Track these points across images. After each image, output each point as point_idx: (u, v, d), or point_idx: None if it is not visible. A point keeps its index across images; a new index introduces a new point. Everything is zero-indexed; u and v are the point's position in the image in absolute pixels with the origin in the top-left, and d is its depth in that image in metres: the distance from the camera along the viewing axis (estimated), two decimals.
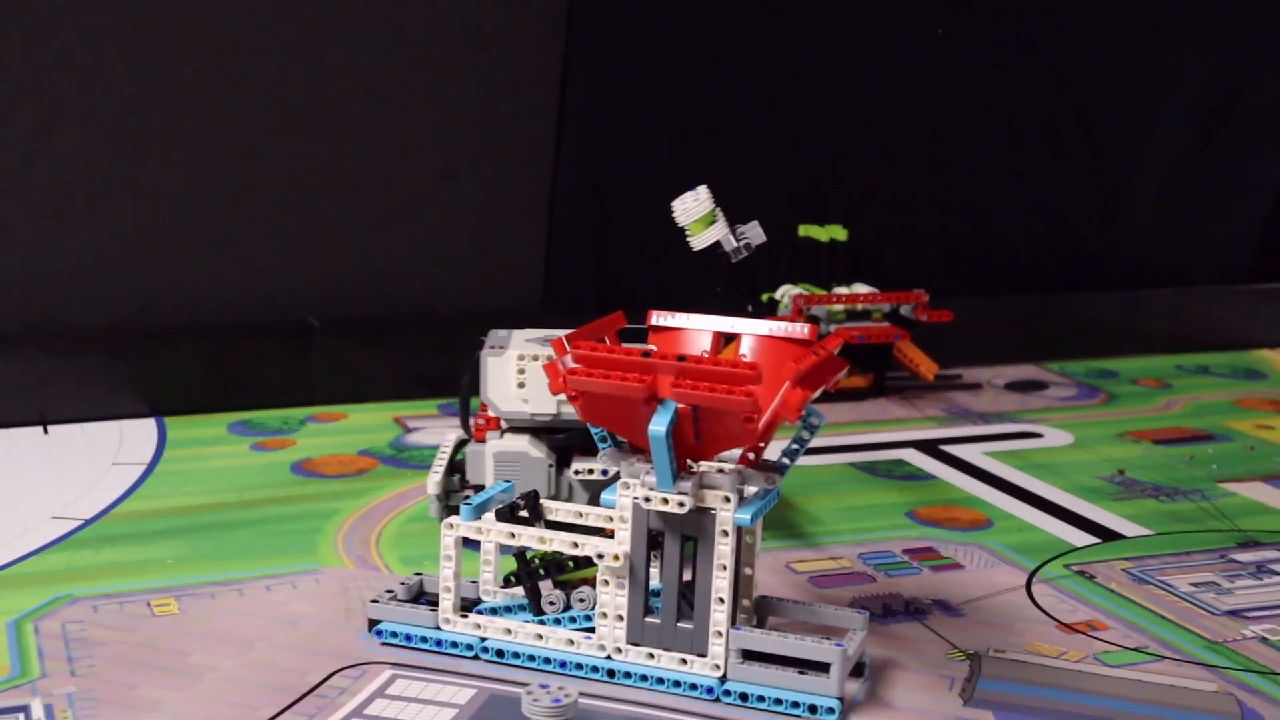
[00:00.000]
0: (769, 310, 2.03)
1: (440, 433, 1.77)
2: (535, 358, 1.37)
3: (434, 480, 1.41)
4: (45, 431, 1.77)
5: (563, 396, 1.27)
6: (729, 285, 1.38)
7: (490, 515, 1.21)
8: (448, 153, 1.99)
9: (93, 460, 1.67)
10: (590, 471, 1.38)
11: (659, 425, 1.08)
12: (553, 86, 2.03)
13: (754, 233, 1.26)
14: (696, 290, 2.05)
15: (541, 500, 1.24)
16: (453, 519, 1.20)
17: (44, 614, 1.25)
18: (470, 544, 1.22)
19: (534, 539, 1.17)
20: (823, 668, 1.11)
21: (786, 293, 2.04)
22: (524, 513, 1.22)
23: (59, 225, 1.83)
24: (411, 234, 2.01)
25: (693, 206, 1.26)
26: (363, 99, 1.94)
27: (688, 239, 1.26)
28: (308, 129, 1.92)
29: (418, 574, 1.25)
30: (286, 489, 1.60)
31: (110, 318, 1.86)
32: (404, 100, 1.96)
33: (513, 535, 1.18)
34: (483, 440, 1.42)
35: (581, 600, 1.18)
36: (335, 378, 1.92)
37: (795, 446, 1.19)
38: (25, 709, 1.09)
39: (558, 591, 1.20)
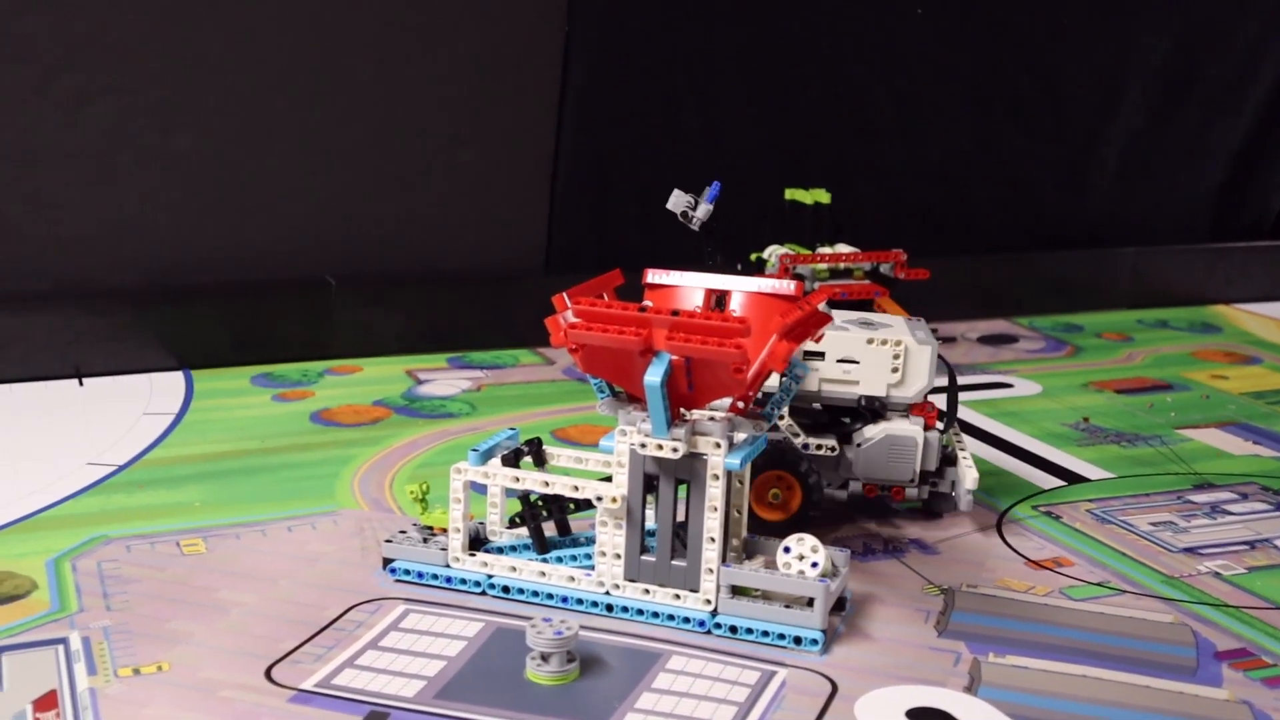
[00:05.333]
0: (757, 269, 2.02)
1: (451, 384, 1.77)
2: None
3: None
4: (80, 383, 1.76)
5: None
6: (716, 240, 1.37)
7: (496, 460, 1.20)
8: (456, 121, 1.98)
9: (124, 410, 1.66)
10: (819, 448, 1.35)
11: (654, 376, 1.07)
12: (555, 60, 2.01)
13: (700, 210, 1.33)
14: (689, 251, 2.04)
15: (544, 446, 1.23)
16: (460, 465, 1.19)
17: (80, 553, 1.25)
18: (478, 487, 1.21)
19: (537, 483, 1.17)
20: (808, 602, 1.11)
21: (773, 252, 2.02)
22: (528, 458, 1.22)
23: (93, 190, 1.81)
24: (422, 197, 2.00)
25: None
26: (375, 69, 1.92)
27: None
28: (323, 99, 1.90)
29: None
30: (306, 437, 1.59)
31: (140, 276, 1.85)
32: (415, 70, 1.94)
33: (517, 479, 1.18)
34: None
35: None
36: (351, 332, 1.91)
37: (782, 395, 1.18)
38: (64, 641, 1.09)
39: None
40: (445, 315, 1.97)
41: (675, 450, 1.10)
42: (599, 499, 1.14)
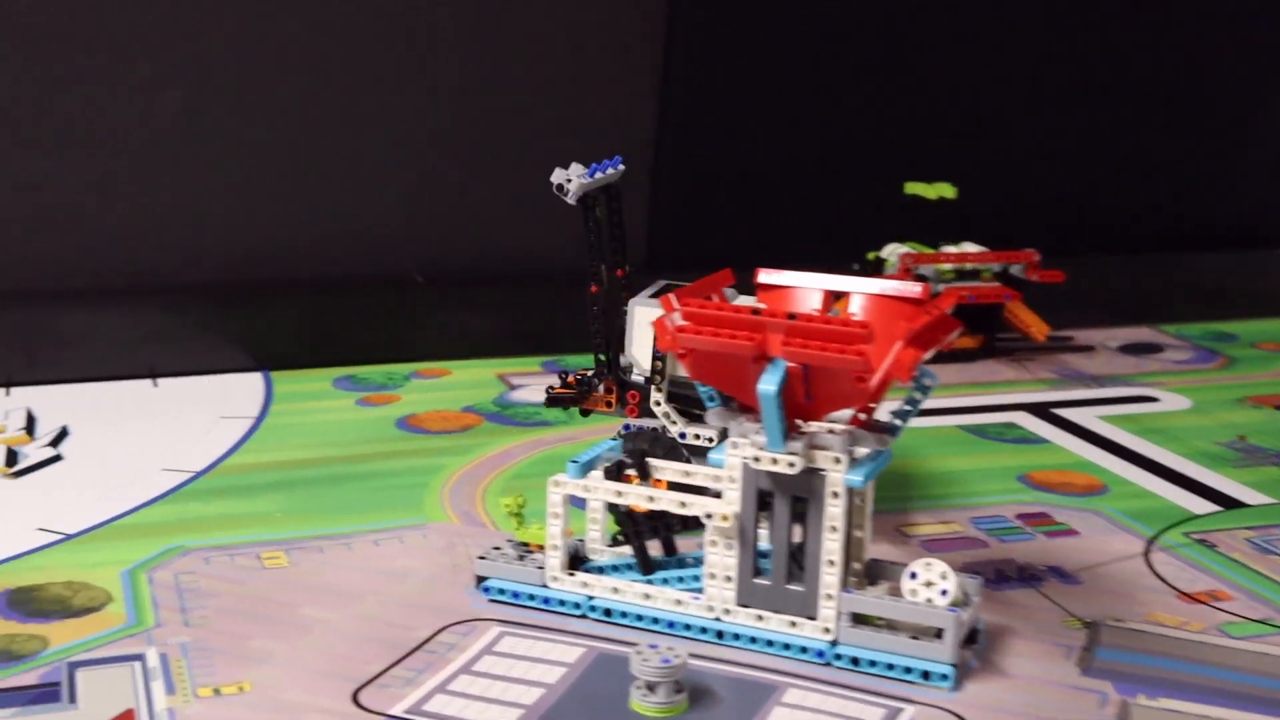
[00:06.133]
0: (875, 269, 2.01)
1: (544, 389, 1.78)
2: None
3: None
4: (154, 384, 1.80)
5: None
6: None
7: (597, 473, 1.20)
8: (552, 110, 1.99)
9: (201, 413, 1.69)
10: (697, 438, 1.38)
11: (769, 384, 1.07)
12: (657, 46, 2.02)
13: (574, 185, 1.39)
14: (802, 248, 2.03)
15: (648, 459, 1.23)
16: (559, 476, 1.19)
17: (157, 564, 1.27)
18: (578, 502, 1.22)
19: (642, 498, 1.17)
20: (936, 633, 1.10)
21: (893, 251, 2.02)
22: (631, 471, 1.22)
23: (167, 180, 1.85)
24: (515, 190, 2.01)
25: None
26: (466, 56, 1.94)
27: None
28: (411, 86, 1.92)
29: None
30: (392, 444, 1.61)
31: (217, 272, 1.89)
32: (507, 58, 1.96)
33: (620, 494, 1.18)
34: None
35: None
36: (439, 333, 1.93)
37: (907, 407, 1.17)
38: (141, 657, 1.11)
39: None
40: (538, 315, 1.99)
41: (791, 465, 1.10)
42: (708, 516, 1.14)
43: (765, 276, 1.19)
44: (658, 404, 1.39)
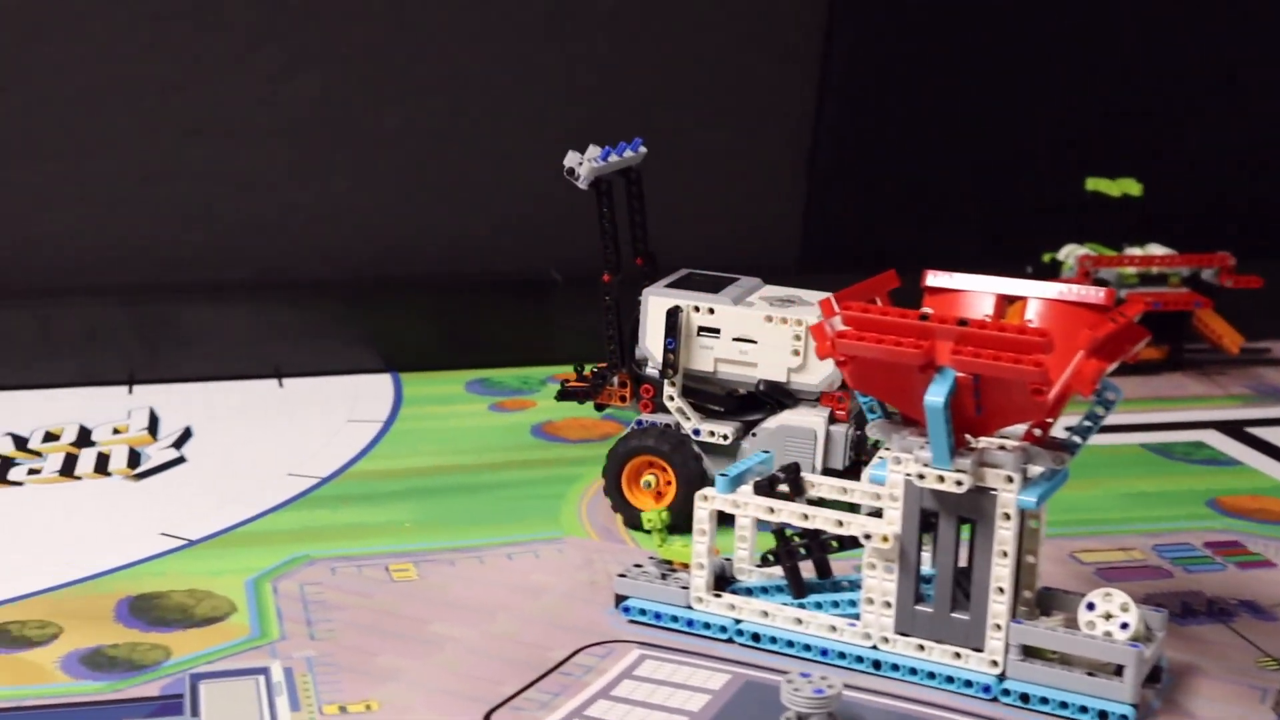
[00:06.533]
0: (1051, 272, 1.99)
1: None
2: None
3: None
4: (279, 384, 1.84)
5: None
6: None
7: (748, 488, 1.21)
8: (703, 98, 1.99)
9: (327, 416, 1.73)
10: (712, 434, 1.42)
11: (936, 395, 1.06)
12: (817, 28, 2.01)
13: (585, 169, 1.44)
14: (971, 248, 2.02)
15: (803, 474, 1.23)
16: (707, 491, 1.20)
17: (282, 574, 1.31)
18: (726, 518, 1.22)
19: (795, 515, 1.17)
20: (1115, 670, 1.08)
21: (1071, 253, 1.99)
22: (784, 486, 1.22)
23: (295, 172, 1.89)
24: (662, 184, 2.01)
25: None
26: (611, 39, 1.95)
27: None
28: (549, 72, 1.94)
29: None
30: (527, 453, 1.63)
31: (345, 268, 1.92)
32: (657, 44, 1.97)
33: (771, 510, 1.18)
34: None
35: None
36: (577, 336, 1.94)
37: (1088, 424, 1.15)
38: (265, 671, 1.14)
39: None
40: None
41: (959, 483, 1.09)
42: (867, 537, 1.13)
43: (933, 279, 1.19)
44: (670, 399, 1.43)
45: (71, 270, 1.86)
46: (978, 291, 1.17)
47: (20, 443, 1.63)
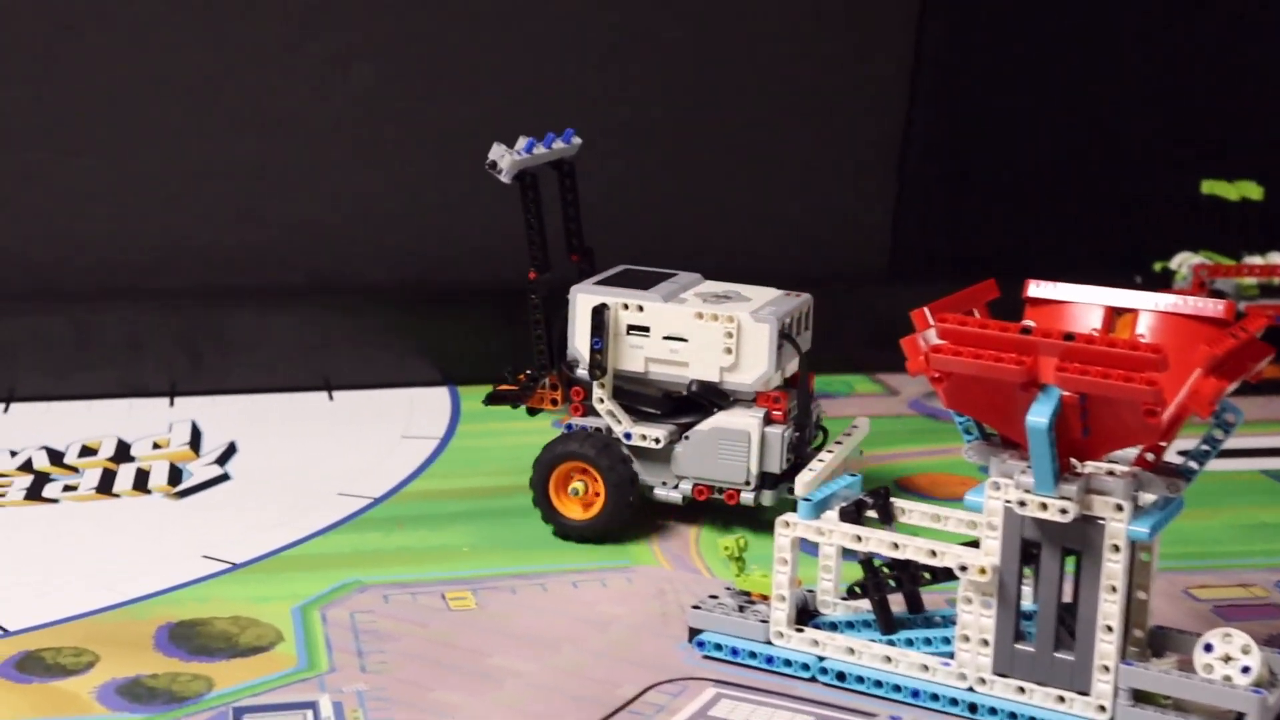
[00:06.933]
0: (1162, 282, 1.97)
1: None
2: None
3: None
4: (329, 397, 1.85)
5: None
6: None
7: (833, 514, 1.20)
8: (788, 96, 1.99)
9: (380, 431, 1.74)
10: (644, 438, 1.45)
11: (1040, 416, 1.06)
12: (909, 19, 2.01)
13: (506, 162, 1.45)
14: (1075, 256, 2.00)
15: (892, 499, 1.23)
16: (789, 516, 1.20)
17: (331, 601, 1.31)
18: (809, 547, 1.22)
19: (884, 544, 1.16)
20: (1235, 718, 1.07)
21: (1185, 261, 1.98)
22: (872, 512, 1.21)
23: (348, 169, 1.90)
24: (744, 186, 2.02)
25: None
26: (693, 34, 1.96)
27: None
28: (627, 65, 1.94)
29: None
30: None
31: (402, 272, 1.93)
32: (739, 39, 1.97)
33: (859, 539, 1.17)
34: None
35: None
36: None
37: (1205, 448, 1.15)
38: (313, 705, 1.14)
39: None
40: None
41: (1064, 511, 1.08)
42: (963, 569, 1.13)
43: (1035, 289, 1.18)
44: (600, 401, 1.46)
45: (111, 273, 1.88)
46: (1084, 303, 1.17)
47: (56, 457, 1.65)
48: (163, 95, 1.85)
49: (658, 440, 1.45)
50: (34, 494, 1.55)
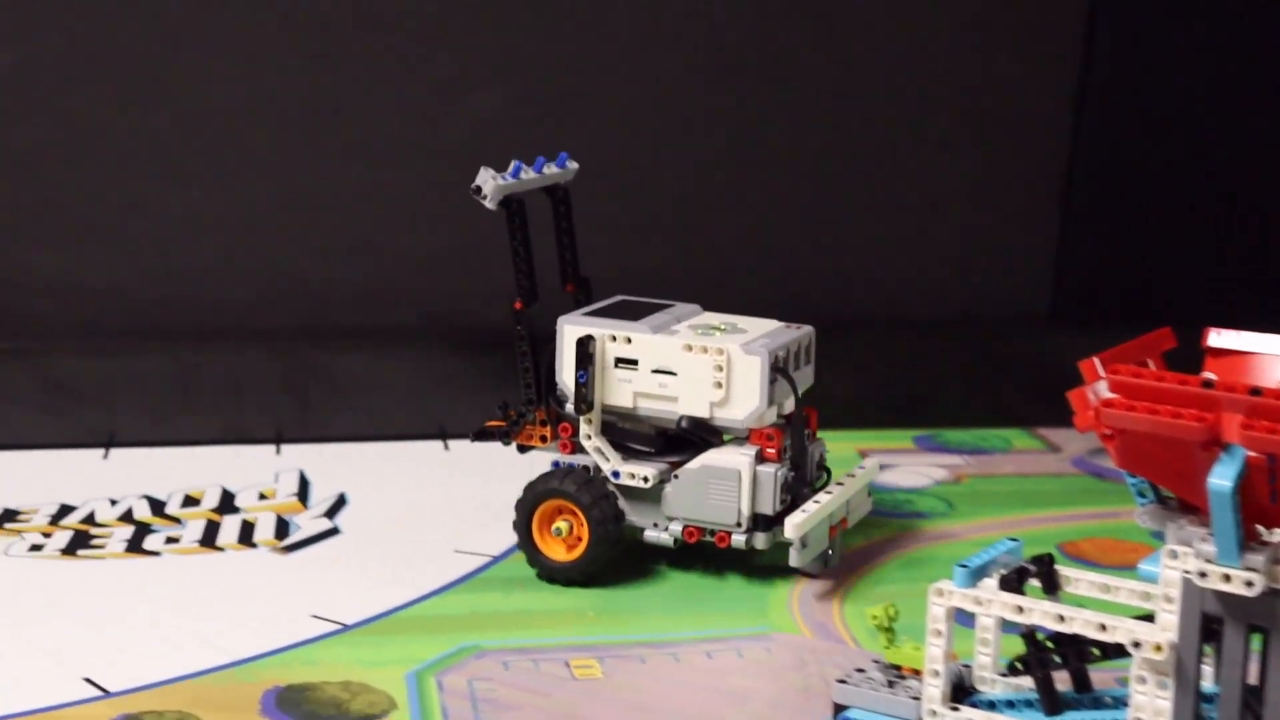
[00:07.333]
0: None
1: (919, 471, 1.77)
2: None
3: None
4: (445, 446, 1.87)
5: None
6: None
7: (991, 581, 1.19)
8: (941, 128, 1.99)
9: (500, 483, 1.74)
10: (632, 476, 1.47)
11: (1223, 478, 1.04)
12: (1074, 45, 2.00)
13: (491, 188, 1.50)
14: (1259, 301, 1.97)
15: (1056, 565, 1.21)
16: (943, 584, 1.19)
17: (448, 667, 1.32)
18: (964, 617, 1.21)
19: (1049, 616, 1.15)
20: None
21: None
22: (1035, 581, 1.20)
23: (468, 199, 1.92)
24: (889, 226, 2.01)
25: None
26: (831, 55, 1.96)
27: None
28: (759, 86, 1.95)
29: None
30: None
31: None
32: (887, 64, 1.96)
33: (1020, 610, 1.16)
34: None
35: None
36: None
37: None
38: None
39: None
40: (911, 377, 1.98)
41: (1250, 584, 1.06)
42: (1136, 645, 1.11)
43: (1217, 338, 1.17)
44: (588, 438, 1.47)
45: (214, 311, 1.90)
46: (1271, 355, 1.15)
47: (157, 507, 1.68)
48: (270, 124, 1.88)
49: (646, 479, 1.46)
50: (135, 546, 1.58)
